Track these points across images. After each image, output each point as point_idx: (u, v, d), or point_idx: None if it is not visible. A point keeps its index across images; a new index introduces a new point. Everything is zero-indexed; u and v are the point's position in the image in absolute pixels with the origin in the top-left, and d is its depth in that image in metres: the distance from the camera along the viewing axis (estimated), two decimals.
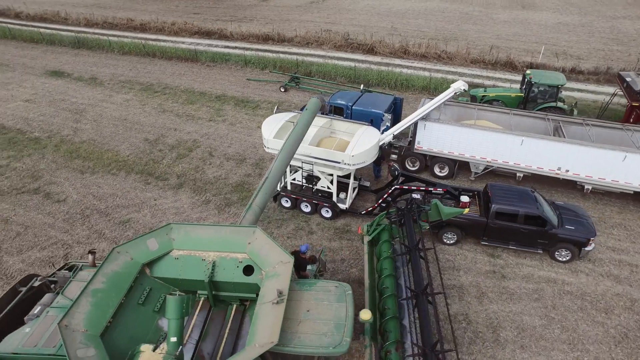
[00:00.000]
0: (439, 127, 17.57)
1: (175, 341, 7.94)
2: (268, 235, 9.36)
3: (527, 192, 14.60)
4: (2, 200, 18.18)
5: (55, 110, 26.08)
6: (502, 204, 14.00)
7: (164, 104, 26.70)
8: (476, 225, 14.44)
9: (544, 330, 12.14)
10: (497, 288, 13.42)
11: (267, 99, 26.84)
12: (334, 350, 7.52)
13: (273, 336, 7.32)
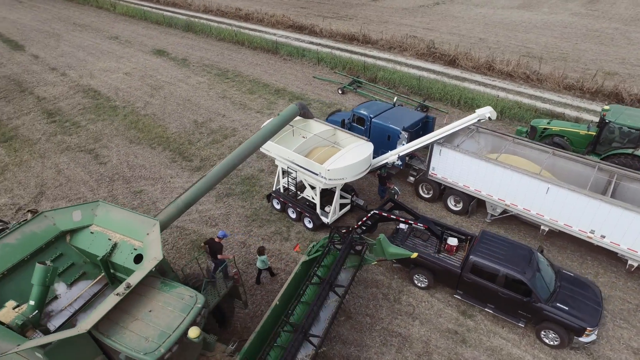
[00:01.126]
0: (454, 155, 15.54)
1: (33, 305, 8.60)
2: (159, 232, 9.49)
3: (524, 250, 12.15)
4: (66, 154, 21.42)
5: (141, 85, 29.63)
6: (482, 257, 11.90)
7: (227, 90, 28.40)
8: (450, 274, 12.53)
9: None
10: (449, 352, 11.50)
11: (322, 99, 26.69)
12: (142, 357, 7.39)
13: (88, 324, 7.48)
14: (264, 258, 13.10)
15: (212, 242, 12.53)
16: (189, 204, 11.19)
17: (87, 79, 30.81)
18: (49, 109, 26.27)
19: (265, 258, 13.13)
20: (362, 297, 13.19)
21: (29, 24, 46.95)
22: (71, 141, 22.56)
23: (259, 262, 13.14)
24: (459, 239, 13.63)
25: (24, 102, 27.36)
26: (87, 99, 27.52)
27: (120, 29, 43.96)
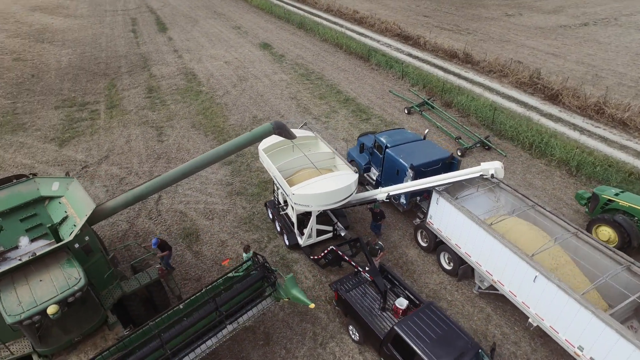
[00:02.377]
0: (450, 208, 13.70)
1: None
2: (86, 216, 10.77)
3: (464, 343, 10.28)
4: (140, 127, 24.86)
5: (231, 75, 32.40)
6: (406, 331, 10.48)
7: (301, 92, 29.25)
8: (374, 337, 11.33)
9: None
10: None
11: (384, 116, 25.68)
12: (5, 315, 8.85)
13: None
14: (249, 255, 13.21)
15: (163, 243, 13.79)
16: (138, 197, 12.26)
17: (194, 63, 34.91)
18: (152, 85, 30.66)
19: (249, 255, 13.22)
20: (292, 329, 12.80)
21: (181, 9, 54.69)
22: (150, 116, 26.08)
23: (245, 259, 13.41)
24: (413, 303, 12.17)
25: (140, 77, 32.39)
26: (183, 81, 31.28)
27: (245, 20, 48.29)
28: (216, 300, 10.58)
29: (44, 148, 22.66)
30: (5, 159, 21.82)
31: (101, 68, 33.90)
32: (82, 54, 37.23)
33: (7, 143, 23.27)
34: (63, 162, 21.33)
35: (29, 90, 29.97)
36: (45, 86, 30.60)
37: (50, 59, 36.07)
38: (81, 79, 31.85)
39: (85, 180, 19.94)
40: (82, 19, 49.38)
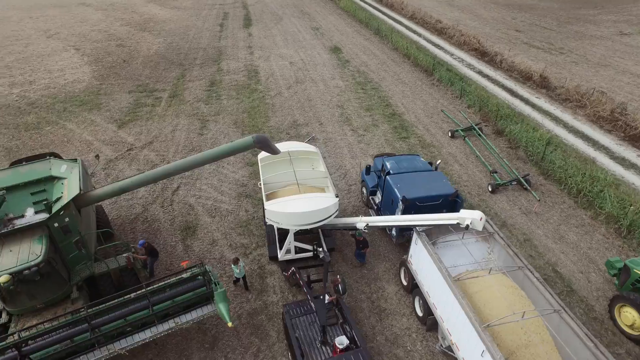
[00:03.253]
0: (424, 253, 12.63)
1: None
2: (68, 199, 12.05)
3: None
4: (189, 119, 26.68)
5: (291, 76, 33.13)
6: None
7: (350, 101, 28.88)
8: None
9: None
10: None
11: (423, 137, 24.31)
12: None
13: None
14: (240, 266, 13.97)
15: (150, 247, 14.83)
16: (123, 189, 13.36)
17: (261, 60, 36.38)
18: (215, 79, 32.71)
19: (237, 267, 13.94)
20: (239, 340, 12.95)
21: (271, 6, 57.11)
22: (202, 109, 27.88)
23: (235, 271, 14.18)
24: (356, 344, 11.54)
25: (209, 69, 34.74)
26: (244, 78, 32.82)
27: (326, 21, 48.82)
28: (149, 299, 11.19)
29: (106, 128, 25.59)
30: (76, 133, 25.09)
31: (180, 58, 37.03)
32: (170, 43, 41.01)
33: (82, 119, 26.72)
34: (115, 143, 23.90)
35: (116, 74, 33.93)
36: (129, 71, 34.38)
37: (144, 46, 40.34)
38: (160, 67, 35.15)
39: (125, 162, 22.14)
40: (184, 11, 54.22)
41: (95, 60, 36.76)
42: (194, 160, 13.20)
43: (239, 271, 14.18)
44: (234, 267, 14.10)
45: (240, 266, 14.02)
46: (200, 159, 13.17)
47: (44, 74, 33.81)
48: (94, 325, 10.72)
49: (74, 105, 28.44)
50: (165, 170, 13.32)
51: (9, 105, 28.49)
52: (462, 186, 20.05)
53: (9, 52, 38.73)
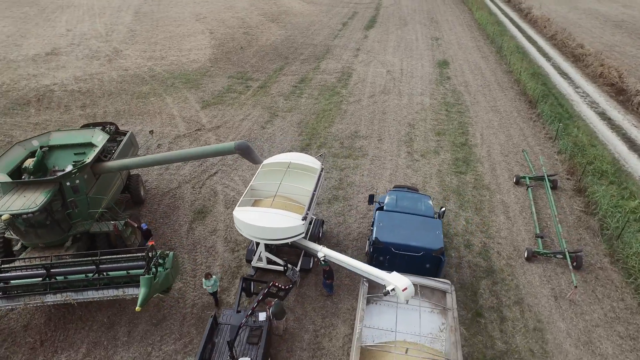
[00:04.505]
0: (362, 302, 11.48)
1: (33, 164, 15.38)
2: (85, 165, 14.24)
3: None
4: (261, 111, 28.21)
5: (381, 84, 32.26)
6: None
7: (425, 121, 26.96)
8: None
9: None
10: None
11: (482, 177, 21.46)
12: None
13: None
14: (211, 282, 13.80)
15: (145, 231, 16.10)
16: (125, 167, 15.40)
17: (361, 65, 36.16)
18: (307, 77, 33.76)
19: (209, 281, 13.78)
20: (180, 326, 13.70)
21: (403, 10, 55.66)
22: (278, 104, 29.12)
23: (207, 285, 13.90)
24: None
25: (307, 67, 35.98)
26: (334, 80, 33.15)
27: (451, 33, 45.70)
28: (97, 265, 12.69)
29: (192, 106, 28.81)
30: (168, 107, 28.77)
31: (288, 52, 39.13)
32: (288, 37, 43.56)
33: (179, 96, 30.56)
34: (190, 121, 26.80)
35: (228, 59, 37.64)
36: (240, 58, 37.76)
37: (264, 37, 43.69)
38: (266, 58, 37.74)
39: (188, 140, 24.68)
40: (318, 7, 56.69)
41: (219, 44, 41.26)
42: (178, 155, 14.29)
43: (212, 286, 13.85)
44: (205, 281, 13.77)
45: (213, 281, 13.83)
46: (183, 155, 14.22)
47: (176, 52, 39.37)
48: (51, 275, 12.69)
49: (181, 82, 32.62)
50: (159, 159, 14.72)
51: (138, 75, 34.09)
52: (495, 243, 17.30)
53: (163, 31, 45.97)
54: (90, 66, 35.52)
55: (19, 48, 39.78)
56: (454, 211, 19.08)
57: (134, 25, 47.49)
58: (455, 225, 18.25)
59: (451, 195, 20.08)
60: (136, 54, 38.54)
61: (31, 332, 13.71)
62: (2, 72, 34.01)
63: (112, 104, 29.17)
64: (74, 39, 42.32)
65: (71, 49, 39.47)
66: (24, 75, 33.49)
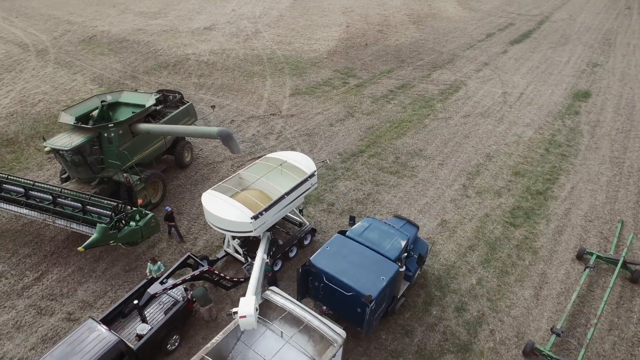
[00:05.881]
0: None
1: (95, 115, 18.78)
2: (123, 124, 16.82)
3: None
4: (342, 109, 27.94)
5: (485, 105, 28.38)
6: None
7: (509, 156, 22.88)
8: None
9: None
10: None
11: (536, 236, 17.35)
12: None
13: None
14: (155, 267, 14.29)
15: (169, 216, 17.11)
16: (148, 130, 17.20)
17: (475, 81, 32.26)
18: (408, 84, 31.76)
19: (155, 267, 14.31)
20: (122, 278, 15.11)
21: (576, 27, 46.76)
22: (363, 105, 28.26)
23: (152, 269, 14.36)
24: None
25: (417, 73, 33.76)
26: (436, 92, 30.45)
27: (625, 60, 36.65)
28: (83, 204, 14.89)
29: (283, 92, 30.15)
30: (263, 89, 30.76)
31: (407, 55, 37.34)
32: (418, 40, 41.44)
33: (279, 80, 32.20)
34: (272, 105, 28.15)
35: (346, 53, 37.90)
36: (356, 54, 37.63)
37: (394, 37, 42.44)
38: (381, 58, 36.76)
39: (257, 122, 26.11)
40: (473, 13, 51.97)
41: (347, 38, 41.80)
42: (172, 130, 15.80)
43: (155, 271, 14.18)
44: (150, 265, 14.25)
45: (157, 267, 14.26)
46: (176, 130, 15.49)
47: (304, 40, 41.49)
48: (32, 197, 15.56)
49: (290, 68, 34.39)
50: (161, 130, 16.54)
51: (258, 56, 37.19)
52: (496, 319, 14.03)
53: (307, 19, 48.71)
54: (228, 42, 40.21)
55: (190, 22, 47.38)
56: (471, 265, 16.06)
57: (286, 11, 51.52)
58: (461, 281, 15.38)
59: (481, 247, 16.89)
60: (270, 36, 41.98)
61: (51, 244, 16.98)
62: (167, 39, 41.18)
63: (222, 77, 32.70)
64: (232, 18, 48.29)
65: (224, 26, 45.22)
66: (178, 43, 39.94)
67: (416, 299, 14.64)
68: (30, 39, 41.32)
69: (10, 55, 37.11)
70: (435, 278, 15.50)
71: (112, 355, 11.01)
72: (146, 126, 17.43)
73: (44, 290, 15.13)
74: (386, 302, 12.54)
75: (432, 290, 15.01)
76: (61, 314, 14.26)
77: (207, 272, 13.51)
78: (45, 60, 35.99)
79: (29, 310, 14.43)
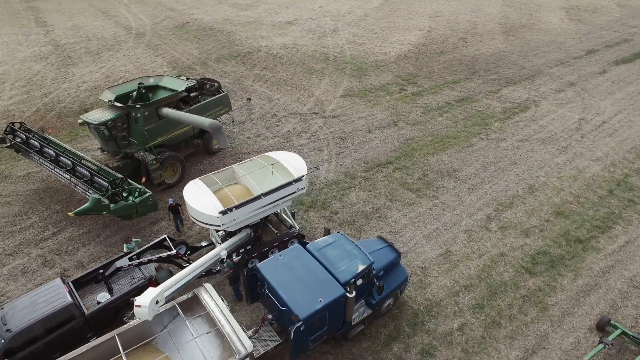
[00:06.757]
0: None
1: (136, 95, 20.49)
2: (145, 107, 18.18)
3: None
4: (388, 115, 26.71)
5: (553, 132, 24.95)
6: None
7: (555, 193, 19.86)
8: None
9: None
10: None
11: (553, 290, 14.83)
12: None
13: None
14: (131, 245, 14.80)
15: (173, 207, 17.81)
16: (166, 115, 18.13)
17: (552, 102, 28.43)
18: (471, 98, 29.10)
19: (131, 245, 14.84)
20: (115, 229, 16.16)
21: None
22: (413, 114, 26.64)
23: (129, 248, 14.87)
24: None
25: (483, 87, 30.79)
26: (499, 109, 27.52)
27: None
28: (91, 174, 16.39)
29: (335, 92, 29.66)
30: (319, 86, 30.71)
31: (483, 67, 34.30)
32: (501, 52, 37.78)
33: (337, 80, 31.78)
34: (319, 104, 27.95)
35: (416, 60, 36.00)
36: (426, 62, 35.59)
37: (475, 47, 39.18)
38: (451, 68, 34.24)
39: (295, 118, 26.12)
40: (582, 26, 45.76)
41: (424, 43, 39.73)
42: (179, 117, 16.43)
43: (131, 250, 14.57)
44: (125, 245, 14.82)
45: (132, 244, 14.75)
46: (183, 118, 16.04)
47: (378, 42, 40.39)
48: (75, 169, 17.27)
49: (352, 69, 33.78)
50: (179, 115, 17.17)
51: (325, 54, 37.09)
52: None
53: (389, 21, 47.21)
54: (303, 38, 40.83)
55: (276, 15, 49.10)
56: (459, 307, 14.32)
57: (372, 11, 50.64)
58: (440, 323, 13.79)
59: (479, 289, 14.95)
60: (345, 35, 41.68)
61: (77, 205, 18.92)
62: (247, 30, 43.23)
63: (284, 71, 33.34)
64: (315, 15, 48.92)
65: (305, 22, 46.02)
66: (256, 35, 41.67)
67: (381, 330, 13.49)
68: (136, 23, 46.38)
69: (116, 37, 42.05)
70: (412, 312, 14.11)
71: (62, 316, 11.93)
72: (165, 110, 18.48)
73: (55, 244, 16.99)
74: (330, 327, 11.71)
75: (403, 325, 13.69)
76: (58, 269, 15.89)
77: (174, 256, 13.94)
78: (139, 42, 40.13)
79: (37, 259, 16.33)
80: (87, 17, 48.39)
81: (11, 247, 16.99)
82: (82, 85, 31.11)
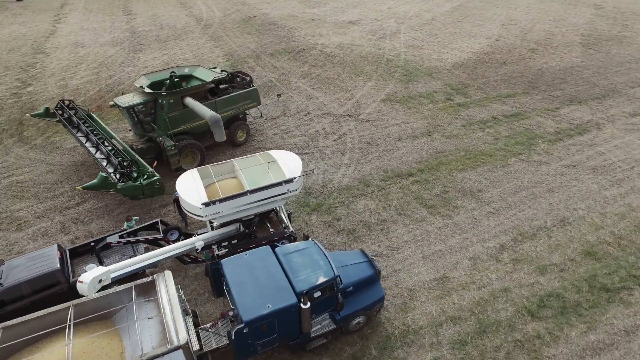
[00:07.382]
0: None
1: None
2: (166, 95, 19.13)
3: None
4: (424, 125, 25.42)
5: (611, 160, 22.00)
6: None
7: (592, 230, 17.47)
8: None
9: None
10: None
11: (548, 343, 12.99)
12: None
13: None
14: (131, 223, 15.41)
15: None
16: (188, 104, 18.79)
17: (617, 127, 25.00)
18: (522, 114, 26.59)
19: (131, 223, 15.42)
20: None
21: None
22: (451, 127, 24.98)
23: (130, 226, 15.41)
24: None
25: (542, 104, 27.99)
26: (552, 129, 24.83)
27: None
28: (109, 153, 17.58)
29: (376, 97, 28.83)
30: (362, 88, 30.05)
31: (548, 82, 31.24)
32: (574, 66, 34.05)
33: (382, 84, 30.85)
34: (357, 106, 27.33)
35: (472, 69, 33.78)
36: (484, 72, 33.20)
37: (544, 59, 35.73)
38: (511, 81, 31.62)
39: (330, 119, 25.80)
40: None
41: (487, 52, 37.14)
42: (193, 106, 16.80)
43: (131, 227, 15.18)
44: (126, 223, 15.39)
45: (132, 222, 15.32)
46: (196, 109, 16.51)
47: (438, 47, 38.52)
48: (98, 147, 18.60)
49: (401, 73, 32.55)
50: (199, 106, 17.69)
51: (379, 56, 36.06)
52: None
53: (456, 27, 44.47)
54: (361, 39, 40.25)
55: (341, 14, 48.97)
56: (438, 339, 13.19)
57: (441, 16, 48.46)
58: (411, 352, 12.83)
59: (468, 324, 13.66)
60: (405, 39, 40.35)
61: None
62: (308, 28, 43.63)
63: (331, 71, 33.15)
64: (381, 16, 47.96)
65: (368, 22, 45.32)
66: (315, 33, 41.90)
67: (345, 348, 12.86)
68: (207, 14, 48.95)
69: (186, 27, 44.75)
70: (385, 335, 13.27)
71: (48, 280, 12.92)
72: (186, 100, 19.25)
73: (75, 213, 18.52)
74: (282, 335, 11.39)
75: (371, 347, 12.92)
76: (71, 236, 17.30)
77: (160, 239, 14.48)
78: (204, 33, 42.31)
79: (57, 225, 17.92)
80: (167, 7, 52.04)
81: (41, 210, 18.81)
82: (143, 70, 33.46)
